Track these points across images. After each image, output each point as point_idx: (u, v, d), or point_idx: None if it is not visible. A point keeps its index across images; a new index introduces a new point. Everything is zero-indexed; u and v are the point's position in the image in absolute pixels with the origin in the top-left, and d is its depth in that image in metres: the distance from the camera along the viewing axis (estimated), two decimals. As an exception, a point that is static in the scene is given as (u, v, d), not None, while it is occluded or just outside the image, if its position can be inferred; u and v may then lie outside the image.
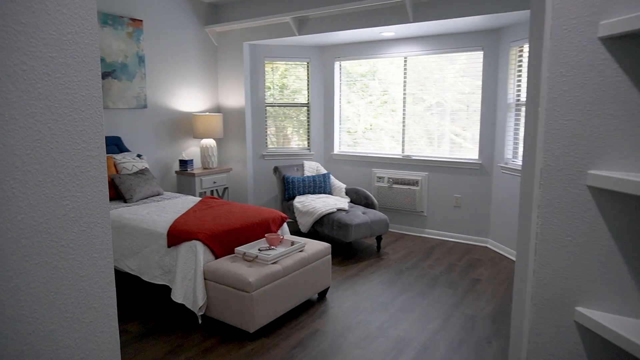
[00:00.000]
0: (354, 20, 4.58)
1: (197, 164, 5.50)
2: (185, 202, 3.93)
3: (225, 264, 2.90)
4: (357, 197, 5.00)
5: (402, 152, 5.35)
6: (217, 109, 5.76)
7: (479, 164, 4.80)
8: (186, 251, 2.96)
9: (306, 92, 5.78)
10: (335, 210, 4.51)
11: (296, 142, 5.92)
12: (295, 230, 5.37)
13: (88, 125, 0.93)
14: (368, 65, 5.42)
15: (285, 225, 3.73)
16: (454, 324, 3.09)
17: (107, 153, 4.36)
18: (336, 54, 5.63)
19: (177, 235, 3.01)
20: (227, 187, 5.44)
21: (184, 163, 5.08)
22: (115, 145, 4.47)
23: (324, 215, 4.49)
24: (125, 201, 3.89)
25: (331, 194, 5.21)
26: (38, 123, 0.83)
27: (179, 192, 5.18)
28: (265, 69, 5.66)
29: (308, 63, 5.73)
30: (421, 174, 5.16)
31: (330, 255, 3.48)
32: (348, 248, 4.45)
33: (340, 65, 5.69)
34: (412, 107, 5.22)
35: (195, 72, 5.42)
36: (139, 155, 4.54)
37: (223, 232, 3.13)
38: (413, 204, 5.22)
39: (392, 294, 3.56)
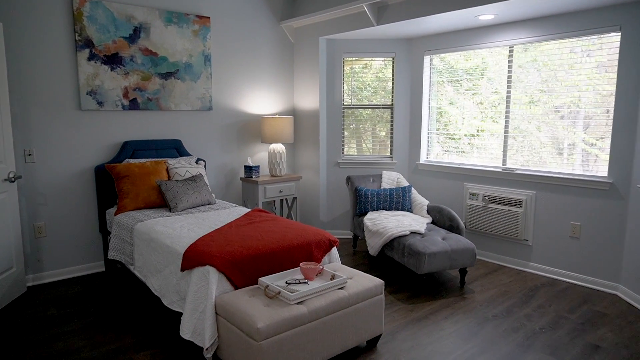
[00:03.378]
0: (439, 1, 3.75)
1: (264, 171, 5.10)
2: (230, 215, 3.50)
3: (240, 299, 2.36)
4: (439, 218, 4.12)
5: (503, 165, 4.31)
6: (292, 112, 5.32)
7: (609, 183, 3.59)
8: (199, 278, 2.49)
9: (390, 91, 5.04)
10: (408, 233, 3.72)
11: (377, 148, 5.21)
12: (365, 251, 4.66)
13: None
14: (477, 58, 4.44)
15: (334, 251, 3.08)
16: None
17: (164, 157, 4.15)
18: (426, 47, 4.79)
19: (192, 257, 2.55)
20: (295, 197, 4.95)
21: (249, 169, 4.71)
22: (174, 148, 4.25)
23: (395, 238, 3.73)
24: (170, 210, 3.60)
25: (411, 212, 4.40)
26: None
27: (244, 200, 4.83)
28: (345, 66, 5.05)
29: (393, 58, 4.98)
30: (527, 193, 4.08)
31: (382, 295, 2.73)
32: (422, 280, 3.62)
33: (430, 60, 4.84)
34: (523, 109, 4.16)
35: (268, 71, 5.03)
36: (197, 161, 4.26)
37: (248, 256, 2.59)
38: (514, 230, 4.16)
39: (467, 354, 2.68)
